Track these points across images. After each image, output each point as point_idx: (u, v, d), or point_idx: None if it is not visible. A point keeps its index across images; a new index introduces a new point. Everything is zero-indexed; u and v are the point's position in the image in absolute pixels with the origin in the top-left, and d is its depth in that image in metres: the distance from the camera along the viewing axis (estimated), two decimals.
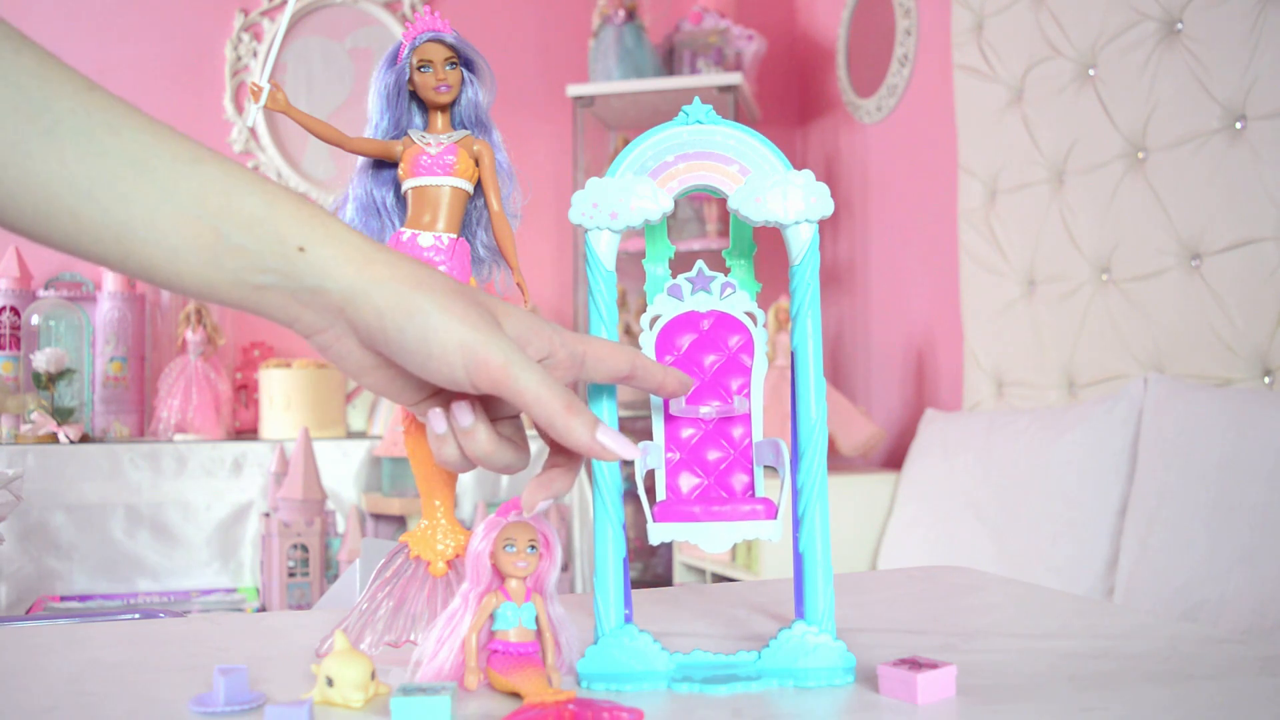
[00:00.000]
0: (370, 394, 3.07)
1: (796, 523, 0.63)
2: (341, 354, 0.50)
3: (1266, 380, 1.77)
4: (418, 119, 0.81)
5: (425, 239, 0.77)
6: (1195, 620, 1.60)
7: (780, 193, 0.62)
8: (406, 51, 0.78)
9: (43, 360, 2.56)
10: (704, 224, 3.13)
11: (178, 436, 2.67)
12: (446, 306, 0.48)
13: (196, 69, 3.09)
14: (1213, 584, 1.60)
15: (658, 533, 0.60)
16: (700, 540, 0.59)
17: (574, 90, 3.09)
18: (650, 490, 0.68)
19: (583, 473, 2.79)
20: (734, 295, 0.69)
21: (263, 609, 2.48)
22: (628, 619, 0.63)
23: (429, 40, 0.78)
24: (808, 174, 0.63)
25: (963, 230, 2.54)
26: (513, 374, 0.47)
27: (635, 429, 3.05)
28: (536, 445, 2.83)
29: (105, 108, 0.45)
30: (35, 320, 2.63)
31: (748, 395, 0.67)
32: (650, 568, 3.14)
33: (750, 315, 0.69)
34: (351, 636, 0.71)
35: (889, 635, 0.73)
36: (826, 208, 0.63)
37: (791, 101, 3.59)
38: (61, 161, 0.43)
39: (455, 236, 0.78)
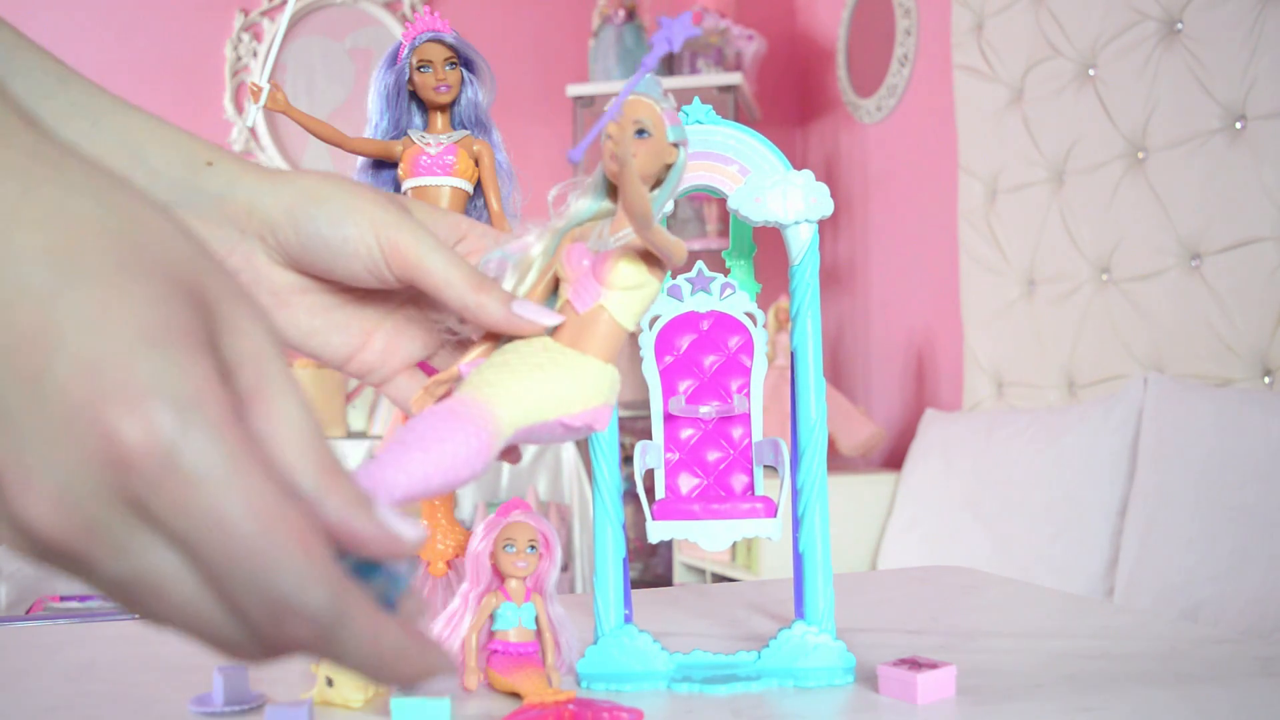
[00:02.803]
0: (370, 394, 3.07)
1: (796, 523, 0.63)
2: (256, 279, 0.48)
3: (1266, 380, 1.77)
4: (418, 119, 0.81)
5: None
6: (1195, 620, 1.60)
7: (780, 193, 0.62)
8: (406, 51, 0.78)
9: None
10: (704, 224, 3.13)
11: None
12: (355, 193, 0.47)
13: (196, 69, 3.09)
14: (1213, 584, 1.60)
15: (657, 531, 0.60)
16: (699, 538, 0.59)
17: (574, 90, 3.09)
18: (650, 490, 0.68)
19: (582, 472, 2.79)
20: (734, 295, 0.69)
21: None
22: (628, 619, 0.63)
23: (429, 40, 0.78)
24: (807, 174, 0.63)
25: (963, 230, 2.54)
26: (421, 253, 0.46)
27: (635, 429, 3.05)
28: (532, 452, 2.82)
29: (57, 65, 0.48)
30: None
31: (747, 395, 0.67)
32: (650, 568, 3.14)
33: (750, 315, 0.69)
34: None
35: (889, 635, 0.73)
36: (826, 208, 0.63)
37: (791, 101, 3.59)
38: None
39: None
